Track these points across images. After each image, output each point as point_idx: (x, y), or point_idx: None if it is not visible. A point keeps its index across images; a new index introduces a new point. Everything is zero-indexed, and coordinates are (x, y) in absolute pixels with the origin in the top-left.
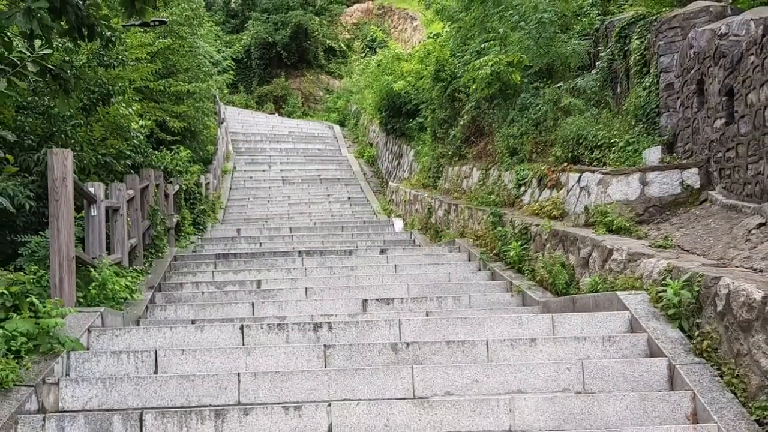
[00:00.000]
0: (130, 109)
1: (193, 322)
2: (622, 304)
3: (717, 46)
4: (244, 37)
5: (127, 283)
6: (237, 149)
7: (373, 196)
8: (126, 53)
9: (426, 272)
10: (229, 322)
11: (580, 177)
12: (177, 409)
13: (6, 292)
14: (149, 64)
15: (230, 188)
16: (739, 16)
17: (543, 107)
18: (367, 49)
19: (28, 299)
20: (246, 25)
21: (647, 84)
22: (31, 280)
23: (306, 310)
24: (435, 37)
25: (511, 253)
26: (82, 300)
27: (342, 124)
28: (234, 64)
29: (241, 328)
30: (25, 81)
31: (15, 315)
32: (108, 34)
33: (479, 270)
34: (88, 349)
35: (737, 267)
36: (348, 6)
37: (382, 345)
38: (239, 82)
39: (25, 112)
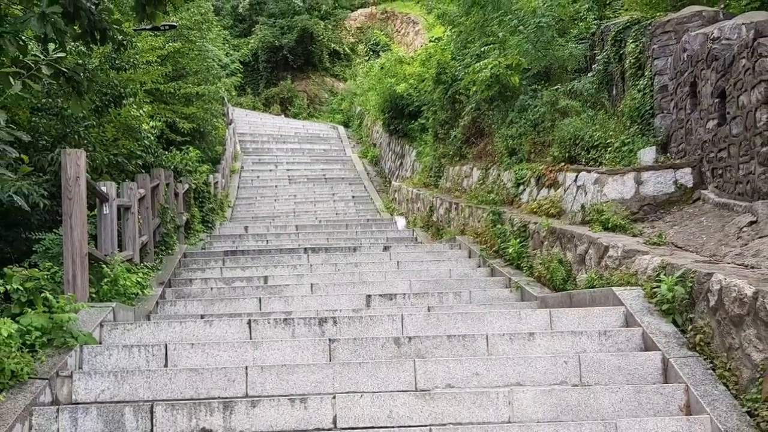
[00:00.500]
0: (141, 111)
1: (202, 317)
2: (618, 300)
3: (709, 50)
4: (252, 41)
5: (138, 279)
6: (245, 149)
7: (377, 195)
8: (137, 56)
9: (428, 269)
10: (237, 317)
11: (577, 176)
12: (186, 402)
13: (21, 287)
14: (160, 67)
15: (238, 187)
16: (730, 21)
17: (541, 109)
18: (371, 53)
19: (42, 295)
20: (253, 29)
21: (642, 86)
22: (46, 276)
23: (311, 306)
24: (436, 40)
25: (510, 250)
26: (94, 295)
27: (346, 125)
28: (242, 67)
29: (249, 322)
30: (40, 83)
31: (30, 310)
32: (120, 38)
33: (479, 266)
34: (100, 343)
35: (729, 263)
36: (352, 11)
37: (385, 339)
38: (247, 84)
39: (40, 114)
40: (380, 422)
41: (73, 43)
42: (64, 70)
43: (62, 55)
